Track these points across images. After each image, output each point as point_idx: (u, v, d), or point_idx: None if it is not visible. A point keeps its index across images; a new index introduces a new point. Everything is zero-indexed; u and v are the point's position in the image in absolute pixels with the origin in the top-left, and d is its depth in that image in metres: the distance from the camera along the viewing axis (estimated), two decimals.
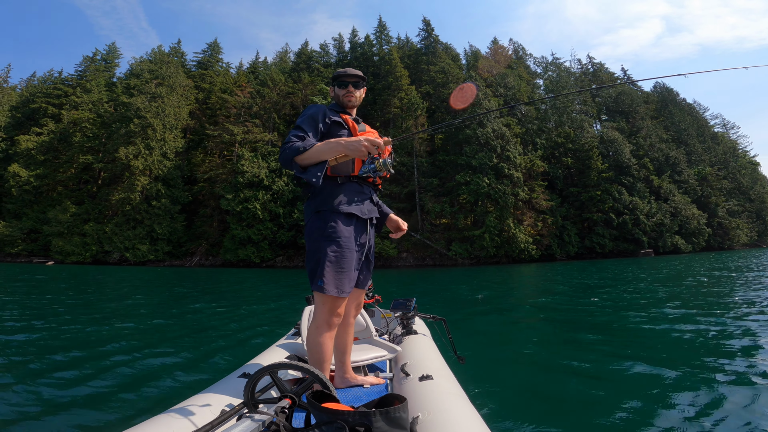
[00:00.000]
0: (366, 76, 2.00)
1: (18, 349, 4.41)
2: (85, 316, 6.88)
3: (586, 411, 2.63)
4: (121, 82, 46.14)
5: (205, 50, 57.23)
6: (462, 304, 8.63)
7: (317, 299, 1.70)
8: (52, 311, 7.26)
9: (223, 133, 39.83)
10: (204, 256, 38.29)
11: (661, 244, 36.84)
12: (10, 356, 4.11)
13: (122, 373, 3.53)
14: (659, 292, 8.93)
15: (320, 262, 1.66)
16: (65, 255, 33.67)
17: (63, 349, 4.42)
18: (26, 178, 37.32)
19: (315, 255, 1.69)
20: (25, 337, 5.02)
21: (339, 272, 1.66)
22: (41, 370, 3.62)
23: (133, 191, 34.99)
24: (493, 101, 40.67)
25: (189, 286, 14.61)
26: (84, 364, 3.84)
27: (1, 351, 4.31)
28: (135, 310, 7.93)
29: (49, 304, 8.21)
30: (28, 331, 5.37)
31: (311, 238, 1.73)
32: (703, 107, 55.30)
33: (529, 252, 34.25)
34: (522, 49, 59.60)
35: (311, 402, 1.10)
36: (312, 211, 1.75)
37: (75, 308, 7.81)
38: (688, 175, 42.16)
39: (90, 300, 9.48)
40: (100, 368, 3.66)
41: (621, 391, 2.96)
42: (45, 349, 4.42)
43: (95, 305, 8.50)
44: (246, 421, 1.12)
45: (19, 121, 43.99)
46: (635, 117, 46.26)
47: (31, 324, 5.89)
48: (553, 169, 39.85)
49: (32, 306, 7.91)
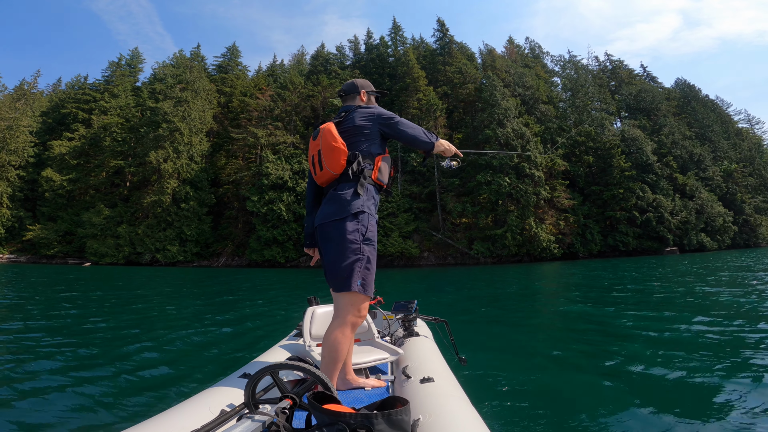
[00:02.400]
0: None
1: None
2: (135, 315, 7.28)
3: (591, 414, 2.58)
4: (146, 86, 47.42)
5: (225, 54, 58.40)
6: (467, 304, 8.52)
7: (349, 299, 1.72)
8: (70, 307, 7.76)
9: (247, 136, 40.69)
10: (230, 257, 39.23)
11: (686, 242, 36.59)
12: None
13: (125, 371, 3.58)
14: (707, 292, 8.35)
15: (359, 262, 1.70)
16: (99, 256, 34.87)
17: (77, 345, 4.58)
18: (60, 182, 38.70)
19: (353, 255, 1.70)
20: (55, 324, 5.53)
21: (372, 273, 1.75)
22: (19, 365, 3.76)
23: (164, 194, 36.04)
24: (511, 101, 40.77)
25: (223, 285, 14.88)
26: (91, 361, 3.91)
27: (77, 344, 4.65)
28: (183, 310, 8.25)
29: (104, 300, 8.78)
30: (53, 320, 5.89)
31: (348, 239, 1.72)
32: (726, 103, 54.50)
33: (551, 250, 34.34)
34: (538, 47, 59.41)
35: (312, 403, 1.09)
36: (348, 210, 1.75)
37: (123, 305, 8.33)
38: (713, 172, 41.72)
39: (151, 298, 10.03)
40: (102, 366, 3.74)
41: (629, 394, 2.87)
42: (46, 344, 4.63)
43: (152, 304, 9.09)
44: (246, 422, 1.12)
45: (50, 127, 45.52)
46: (657, 114, 45.85)
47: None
48: (574, 168, 39.80)
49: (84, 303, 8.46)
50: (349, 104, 2.08)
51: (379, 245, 35.30)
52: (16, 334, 5.24)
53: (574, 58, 55.73)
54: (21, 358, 4.02)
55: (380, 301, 3.03)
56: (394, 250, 35.39)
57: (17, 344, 4.69)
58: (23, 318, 6.57)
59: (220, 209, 42.02)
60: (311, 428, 1.06)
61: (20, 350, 4.38)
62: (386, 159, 1.96)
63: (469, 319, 6.47)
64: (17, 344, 4.69)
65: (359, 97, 2.10)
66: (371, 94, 2.14)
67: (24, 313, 7.15)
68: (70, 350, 4.37)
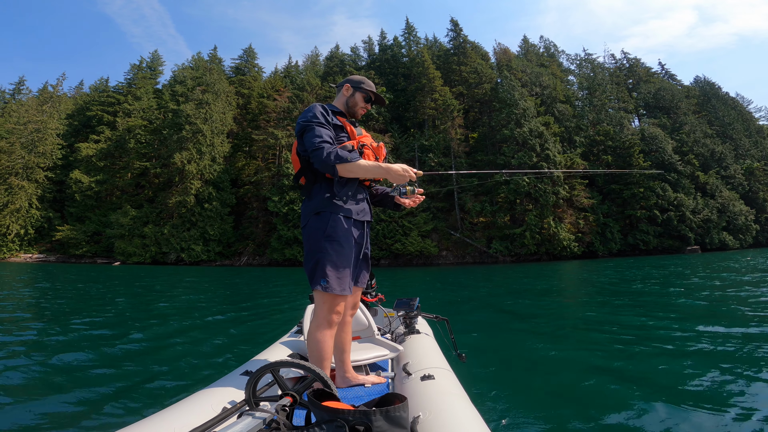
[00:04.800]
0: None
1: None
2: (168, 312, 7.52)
3: (591, 413, 2.57)
4: (167, 89, 48.43)
5: (241, 56, 59.28)
6: (472, 303, 8.52)
7: (318, 298, 1.73)
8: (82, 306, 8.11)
9: (267, 137, 41.38)
10: (251, 256, 39.96)
11: (708, 241, 36.35)
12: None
13: (126, 370, 3.63)
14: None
15: (321, 261, 1.69)
16: (127, 256, 35.85)
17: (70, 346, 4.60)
18: (88, 183, 39.82)
19: (315, 255, 1.71)
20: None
21: (340, 271, 1.70)
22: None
23: (188, 194, 36.89)
24: (530, 101, 40.81)
25: (245, 283, 15.26)
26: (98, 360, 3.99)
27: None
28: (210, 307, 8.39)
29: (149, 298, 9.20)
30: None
31: (311, 239, 1.74)
32: (746, 100, 53.80)
33: (571, 249, 34.41)
34: (553, 45, 59.20)
35: (312, 400, 1.11)
36: (311, 211, 1.76)
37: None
38: (735, 170, 41.31)
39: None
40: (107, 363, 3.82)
41: (632, 391, 2.88)
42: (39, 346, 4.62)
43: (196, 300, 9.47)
44: (247, 419, 1.13)
45: (76, 129, 46.76)
46: (677, 112, 45.48)
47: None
48: (593, 167, 39.73)
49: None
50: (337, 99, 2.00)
51: (398, 244, 35.76)
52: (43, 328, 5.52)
53: (590, 56, 55.45)
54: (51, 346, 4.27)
55: (381, 299, 3.02)
56: (413, 249, 35.76)
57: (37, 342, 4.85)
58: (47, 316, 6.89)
59: (240, 209, 42.82)
60: (311, 425, 1.06)
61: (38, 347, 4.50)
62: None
63: (476, 318, 6.45)
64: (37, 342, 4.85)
65: (342, 91, 1.97)
66: (357, 90, 1.95)
67: (53, 310, 7.48)
68: (74, 347, 4.44)
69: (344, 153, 1.70)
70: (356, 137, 1.86)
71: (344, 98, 1.95)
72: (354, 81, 1.96)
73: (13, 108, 46.38)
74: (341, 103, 1.95)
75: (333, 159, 1.67)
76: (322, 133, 1.72)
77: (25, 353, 4.17)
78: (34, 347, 4.50)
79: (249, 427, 1.08)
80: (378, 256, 35.72)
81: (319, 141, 1.69)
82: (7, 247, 37.84)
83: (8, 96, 54.01)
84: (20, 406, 2.72)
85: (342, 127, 1.84)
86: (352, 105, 1.95)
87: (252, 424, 1.10)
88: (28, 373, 3.50)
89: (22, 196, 39.00)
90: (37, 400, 2.83)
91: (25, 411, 2.62)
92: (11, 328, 5.64)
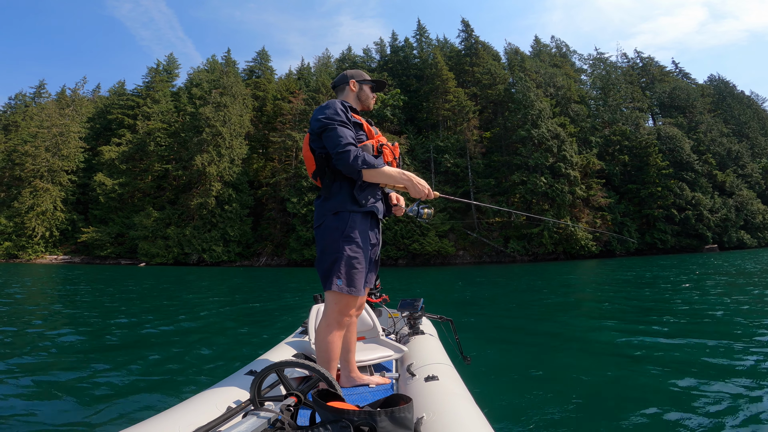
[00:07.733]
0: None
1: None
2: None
3: (594, 415, 2.56)
4: (183, 92, 49.18)
5: (255, 58, 59.97)
6: (475, 304, 8.45)
7: (331, 298, 1.70)
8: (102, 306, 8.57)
9: (285, 139, 41.95)
10: (270, 257, 40.54)
11: (725, 239, 36.46)
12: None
13: (132, 367, 3.69)
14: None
15: (338, 261, 1.67)
16: (150, 257, 36.58)
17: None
18: (111, 186, 40.63)
19: (332, 255, 1.69)
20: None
21: (357, 271, 1.68)
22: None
23: (209, 196, 37.55)
24: (545, 101, 41.00)
25: (267, 282, 15.77)
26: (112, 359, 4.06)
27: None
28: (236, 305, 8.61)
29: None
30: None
31: (328, 238, 1.71)
32: (761, 98, 53.62)
33: (588, 248, 34.63)
34: (565, 45, 59.29)
35: (316, 400, 1.11)
36: (329, 211, 1.73)
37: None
38: (752, 169, 41.31)
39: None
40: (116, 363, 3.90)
41: (634, 393, 2.85)
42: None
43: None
44: (252, 418, 1.14)
45: (98, 132, 47.64)
46: (693, 111, 45.50)
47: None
48: (609, 167, 39.90)
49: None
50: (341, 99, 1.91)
51: (416, 244, 36.14)
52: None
53: (602, 56, 55.49)
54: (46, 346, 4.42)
55: (386, 300, 3.02)
56: (431, 249, 36.14)
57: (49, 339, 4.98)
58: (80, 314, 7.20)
59: (258, 210, 43.43)
60: (315, 425, 1.06)
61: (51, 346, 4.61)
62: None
63: (484, 318, 6.43)
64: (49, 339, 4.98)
65: (348, 88, 1.93)
66: (363, 83, 1.94)
67: (80, 309, 7.82)
68: (80, 345, 4.62)
69: (371, 158, 1.69)
70: (374, 136, 1.83)
71: (353, 94, 1.93)
72: (355, 76, 1.94)
73: (34, 111, 47.33)
74: (352, 99, 1.93)
75: (360, 164, 1.65)
76: (345, 134, 1.68)
77: (48, 349, 4.41)
78: (66, 346, 4.65)
79: (254, 427, 1.09)
80: (396, 256, 36.14)
81: (345, 143, 1.66)
82: (33, 249, 38.71)
83: (29, 99, 55.06)
84: (24, 402, 2.79)
85: (360, 125, 1.80)
86: (364, 99, 1.94)
87: (257, 424, 1.11)
88: (39, 366, 3.67)
89: (47, 198, 39.86)
90: (44, 400, 2.87)
91: (33, 409, 2.66)
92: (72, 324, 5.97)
